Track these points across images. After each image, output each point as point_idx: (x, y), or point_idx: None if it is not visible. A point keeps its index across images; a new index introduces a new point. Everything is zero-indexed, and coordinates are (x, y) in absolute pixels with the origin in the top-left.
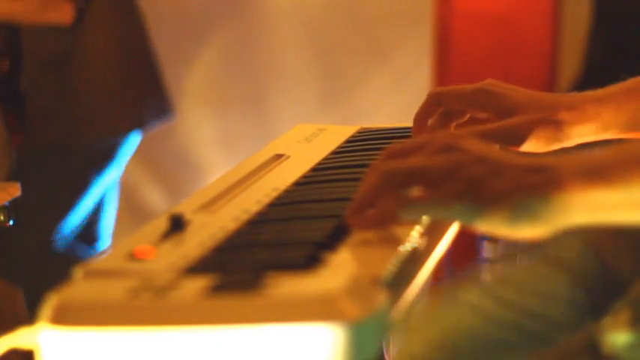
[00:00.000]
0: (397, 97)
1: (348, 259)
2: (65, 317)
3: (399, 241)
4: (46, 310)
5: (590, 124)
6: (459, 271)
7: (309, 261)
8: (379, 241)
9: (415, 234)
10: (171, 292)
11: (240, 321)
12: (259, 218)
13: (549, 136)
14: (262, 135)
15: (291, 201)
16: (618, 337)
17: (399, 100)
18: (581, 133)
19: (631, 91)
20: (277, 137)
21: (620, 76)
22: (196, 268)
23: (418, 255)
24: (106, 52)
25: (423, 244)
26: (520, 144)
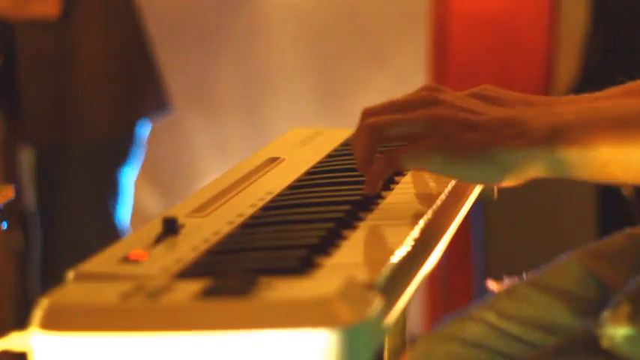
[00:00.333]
0: None
1: (343, 264)
2: (56, 321)
3: (393, 245)
4: (37, 313)
5: None
6: (459, 308)
7: (303, 265)
8: (374, 246)
9: (410, 239)
10: (164, 296)
11: (234, 325)
12: (253, 222)
13: None
14: (257, 138)
15: (286, 204)
16: (617, 331)
17: None
18: None
19: (629, 94)
20: (272, 141)
21: (618, 79)
22: (190, 272)
23: (413, 260)
24: (101, 48)
25: (418, 249)
26: None
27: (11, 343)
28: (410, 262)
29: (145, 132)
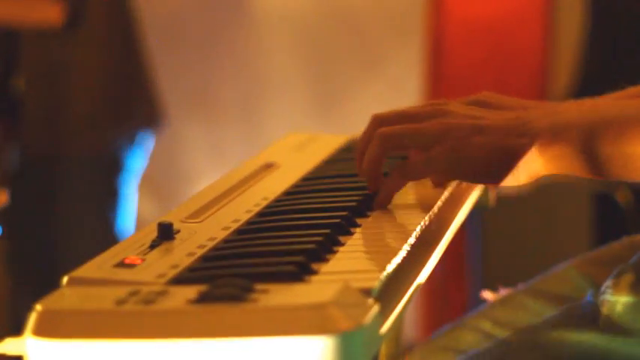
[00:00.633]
0: (389, 105)
1: (339, 270)
2: (51, 327)
3: (390, 252)
4: (31, 319)
5: None
6: (455, 315)
7: (299, 271)
8: (370, 252)
9: (407, 245)
10: (159, 301)
11: (230, 331)
12: (249, 228)
13: None
14: (253, 144)
15: (282, 210)
16: (619, 299)
17: (391, 109)
18: None
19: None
20: (268, 146)
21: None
22: (185, 277)
23: (410, 267)
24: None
25: (414, 256)
26: None
27: (6, 348)
28: (406, 269)
29: (147, 143)
